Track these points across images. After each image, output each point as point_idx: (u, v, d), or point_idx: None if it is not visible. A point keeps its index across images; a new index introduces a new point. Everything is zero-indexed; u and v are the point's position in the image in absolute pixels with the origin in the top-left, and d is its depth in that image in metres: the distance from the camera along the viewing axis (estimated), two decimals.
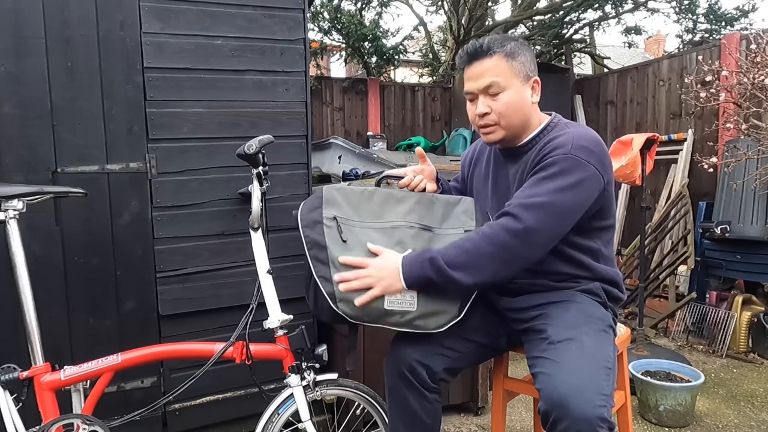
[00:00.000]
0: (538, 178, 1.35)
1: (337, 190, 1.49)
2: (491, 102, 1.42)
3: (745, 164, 3.31)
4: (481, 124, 1.46)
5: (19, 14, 1.75)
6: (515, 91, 1.41)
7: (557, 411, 1.14)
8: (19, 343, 1.63)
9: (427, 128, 6.22)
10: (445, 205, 1.52)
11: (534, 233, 1.30)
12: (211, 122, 2.04)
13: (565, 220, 1.34)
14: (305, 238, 1.41)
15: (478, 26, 7.01)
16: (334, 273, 1.36)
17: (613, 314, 1.50)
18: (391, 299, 1.35)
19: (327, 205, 1.45)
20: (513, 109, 1.42)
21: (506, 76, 1.40)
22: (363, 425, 2.00)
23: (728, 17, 6.85)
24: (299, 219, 1.44)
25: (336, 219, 1.42)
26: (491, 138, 1.47)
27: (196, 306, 2.06)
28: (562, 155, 1.34)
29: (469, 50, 1.44)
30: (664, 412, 2.41)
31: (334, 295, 1.35)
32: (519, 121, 1.44)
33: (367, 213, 1.46)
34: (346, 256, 1.37)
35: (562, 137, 1.38)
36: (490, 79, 1.40)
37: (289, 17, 2.14)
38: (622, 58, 8.43)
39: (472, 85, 1.44)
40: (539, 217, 1.30)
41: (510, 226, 1.30)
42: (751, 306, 3.40)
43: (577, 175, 1.32)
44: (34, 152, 1.81)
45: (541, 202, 1.30)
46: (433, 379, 1.45)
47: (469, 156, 1.70)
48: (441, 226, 1.48)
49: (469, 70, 1.45)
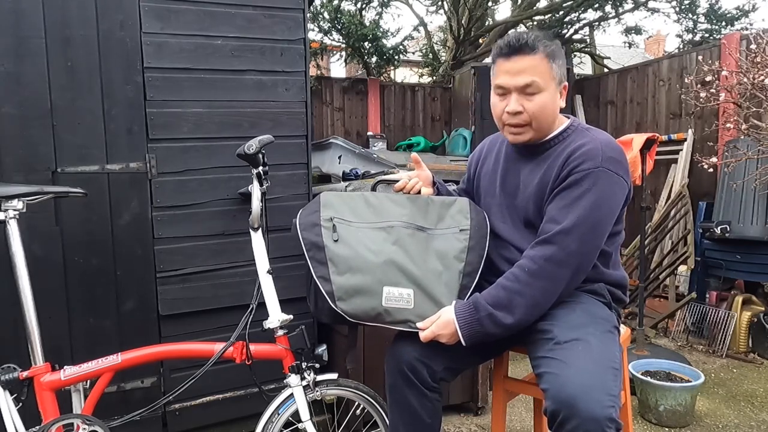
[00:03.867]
0: (574, 197, 1.34)
1: (334, 195, 1.52)
2: (525, 102, 1.38)
3: (745, 164, 3.31)
4: (510, 123, 1.42)
5: (19, 14, 1.75)
6: (550, 94, 1.39)
7: (565, 411, 1.14)
8: (19, 343, 1.63)
9: (427, 128, 6.21)
10: (440, 206, 1.53)
11: (578, 256, 1.32)
12: (211, 122, 2.04)
13: (602, 235, 1.37)
14: (303, 240, 1.44)
15: (478, 26, 7.01)
16: (333, 273, 1.38)
17: (617, 315, 1.50)
18: (390, 297, 1.37)
19: (324, 209, 1.48)
20: (546, 112, 1.40)
21: (545, 78, 1.37)
22: (363, 425, 2.00)
23: (728, 17, 6.84)
24: (297, 224, 1.47)
25: (332, 219, 1.45)
26: (520, 139, 1.44)
27: (196, 306, 2.06)
28: (594, 168, 1.33)
29: (512, 43, 1.37)
30: (664, 412, 2.40)
31: (333, 294, 1.37)
32: (547, 125, 1.43)
33: (365, 214, 1.49)
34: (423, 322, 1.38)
35: (589, 146, 1.36)
36: (531, 78, 1.36)
37: (289, 17, 2.14)
38: (622, 58, 8.42)
39: (508, 80, 1.38)
40: (579, 239, 1.31)
41: (554, 257, 1.31)
42: (751, 306, 3.40)
43: (610, 188, 1.34)
44: (34, 152, 1.81)
45: (580, 223, 1.31)
46: (433, 378, 1.44)
47: (477, 155, 1.69)
48: (436, 226, 1.49)
49: (508, 63, 1.38)
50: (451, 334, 1.34)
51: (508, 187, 1.52)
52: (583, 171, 1.34)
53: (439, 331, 1.35)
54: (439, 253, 1.44)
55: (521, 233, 1.48)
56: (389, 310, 1.38)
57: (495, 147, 1.62)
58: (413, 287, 1.39)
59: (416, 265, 1.42)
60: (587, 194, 1.33)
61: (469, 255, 1.44)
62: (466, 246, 1.45)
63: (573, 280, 1.36)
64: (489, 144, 1.67)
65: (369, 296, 1.38)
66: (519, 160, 1.52)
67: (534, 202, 1.44)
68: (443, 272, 1.42)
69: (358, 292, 1.38)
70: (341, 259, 1.41)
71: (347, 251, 1.42)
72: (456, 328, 1.33)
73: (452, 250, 1.45)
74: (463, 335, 1.33)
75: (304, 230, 1.45)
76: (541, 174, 1.44)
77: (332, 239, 1.42)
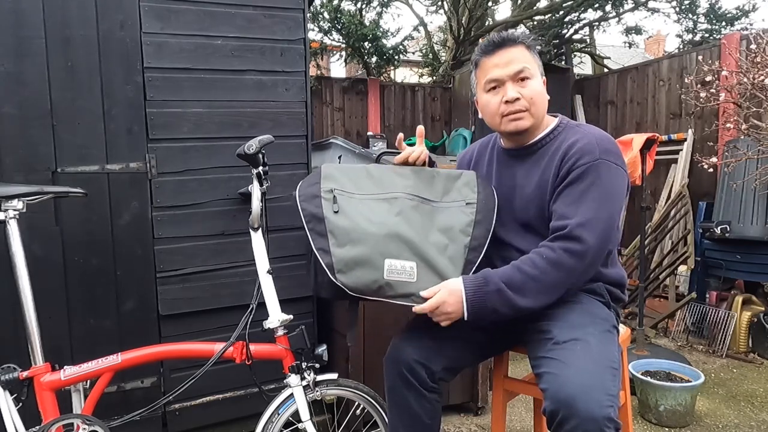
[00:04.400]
0: (581, 191, 1.34)
1: (335, 167, 1.48)
2: (521, 88, 1.41)
3: (745, 164, 3.31)
4: (510, 111, 1.42)
5: (19, 14, 1.75)
6: (539, 83, 1.44)
7: (564, 410, 1.14)
8: (19, 343, 1.62)
9: (427, 128, 6.21)
10: (446, 178, 1.48)
11: (596, 249, 1.33)
12: (211, 122, 2.04)
13: (613, 227, 1.37)
14: (303, 211, 1.39)
15: (478, 26, 7.01)
16: (333, 245, 1.34)
17: (616, 315, 1.50)
18: (392, 270, 1.33)
19: (325, 180, 1.44)
20: (541, 98, 1.44)
21: (532, 66, 1.43)
22: (363, 425, 2.00)
23: (728, 17, 6.85)
24: (297, 194, 1.43)
25: (333, 191, 1.41)
26: (521, 125, 1.43)
27: (196, 306, 2.06)
28: (593, 161, 1.34)
29: (495, 39, 1.43)
30: (664, 412, 2.40)
31: (333, 266, 1.33)
32: (541, 113, 1.45)
33: (367, 186, 1.45)
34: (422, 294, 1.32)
35: (584, 141, 1.38)
36: (522, 64, 1.40)
37: (289, 17, 2.14)
38: (622, 58, 8.42)
39: (500, 71, 1.41)
40: (596, 232, 1.31)
41: (574, 249, 1.31)
42: (751, 306, 3.40)
43: (613, 180, 1.35)
44: (34, 152, 1.81)
45: (594, 217, 1.31)
46: (432, 379, 1.44)
47: (467, 158, 1.68)
48: (441, 199, 1.45)
49: (495, 57, 1.42)
50: (456, 303, 1.30)
51: (504, 190, 1.51)
52: (584, 165, 1.35)
53: (444, 299, 1.30)
54: (444, 226, 1.40)
55: (520, 235, 1.47)
56: (391, 284, 1.33)
57: (486, 151, 1.62)
58: (416, 260, 1.34)
59: (420, 237, 1.36)
60: (592, 188, 1.33)
61: (475, 229, 1.40)
62: (472, 220, 1.41)
63: (585, 273, 1.36)
64: (479, 148, 1.66)
65: (370, 268, 1.33)
66: (512, 162, 1.52)
67: (535, 204, 1.44)
68: (448, 245, 1.38)
69: (359, 264, 1.33)
70: (341, 230, 1.36)
71: (348, 223, 1.37)
72: (462, 298, 1.30)
73: (458, 223, 1.40)
74: (467, 307, 1.29)
75: (303, 201, 1.41)
76: (539, 174, 1.44)
77: (332, 210, 1.38)
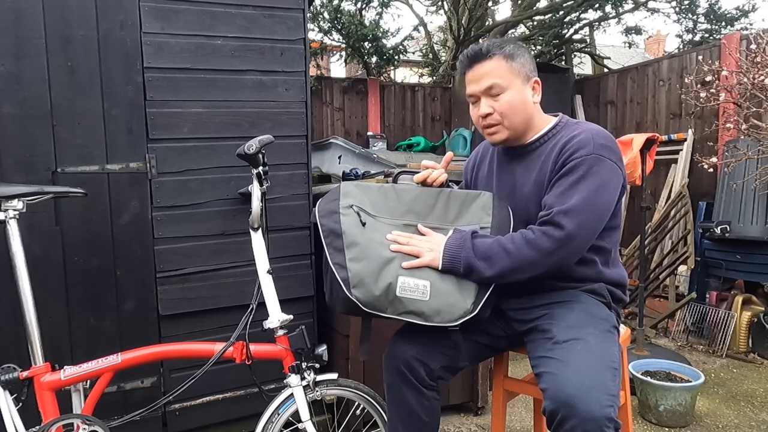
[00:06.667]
0: (570, 182, 1.35)
1: (354, 185, 1.51)
2: (493, 102, 1.44)
3: (745, 164, 3.31)
4: (485, 125, 1.48)
5: (19, 14, 1.75)
6: (516, 91, 1.44)
7: (564, 410, 1.14)
8: (19, 343, 1.63)
9: (427, 128, 6.22)
10: (462, 201, 1.50)
11: (574, 238, 1.33)
12: (211, 122, 2.04)
13: (600, 221, 1.37)
14: (321, 227, 1.43)
15: (478, 26, 7.00)
16: (349, 260, 1.37)
17: (617, 315, 1.50)
18: (404, 288, 1.35)
19: (344, 197, 1.47)
20: (515, 108, 1.44)
21: (507, 77, 1.43)
22: (363, 425, 2.00)
23: (728, 17, 6.84)
24: (317, 211, 1.46)
25: (353, 207, 1.44)
26: (496, 138, 1.49)
27: (196, 306, 2.06)
28: (587, 155, 1.36)
29: (469, 54, 1.47)
30: (664, 412, 2.41)
31: (348, 281, 1.35)
32: (521, 120, 1.46)
33: (384, 209, 1.47)
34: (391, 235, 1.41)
35: (581, 136, 1.39)
36: (492, 80, 1.43)
37: (289, 17, 2.14)
38: (622, 58, 8.42)
39: (474, 87, 1.47)
40: (579, 222, 1.32)
41: (551, 233, 1.32)
42: (751, 306, 3.40)
43: (605, 174, 1.36)
44: (34, 152, 1.81)
45: (578, 206, 1.32)
46: (430, 377, 1.45)
47: (471, 162, 1.71)
48: (454, 223, 1.47)
49: (470, 73, 1.47)
50: (436, 252, 1.37)
51: (504, 189, 1.53)
52: (577, 158, 1.36)
53: (428, 245, 1.38)
54: None
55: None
56: (403, 301, 1.34)
57: (488, 152, 1.65)
58: (429, 280, 1.36)
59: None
60: (583, 180, 1.35)
61: None
62: None
63: (564, 261, 1.35)
64: (483, 149, 1.69)
65: (383, 285, 1.35)
66: (511, 161, 1.54)
67: (534, 202, 1.45)
68: None
69: (373, 280, 1.35)
70: (358, 247, 1.38)
71: (364, 240, 1.39)
72: (440, 252, 1.36)
73: None
74: (443, 263, 1.36)
75: (323, 217, 1.44)
76: (537, 171, 1.45)
77: (352, 225, 1.41)
